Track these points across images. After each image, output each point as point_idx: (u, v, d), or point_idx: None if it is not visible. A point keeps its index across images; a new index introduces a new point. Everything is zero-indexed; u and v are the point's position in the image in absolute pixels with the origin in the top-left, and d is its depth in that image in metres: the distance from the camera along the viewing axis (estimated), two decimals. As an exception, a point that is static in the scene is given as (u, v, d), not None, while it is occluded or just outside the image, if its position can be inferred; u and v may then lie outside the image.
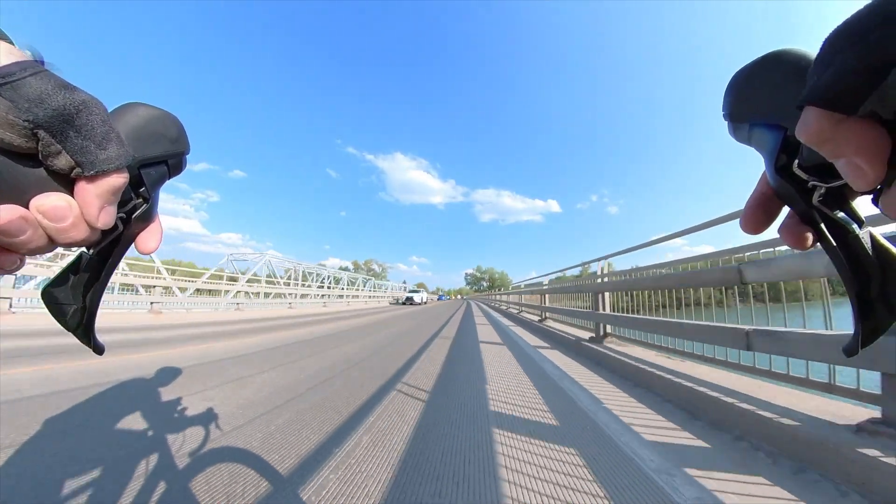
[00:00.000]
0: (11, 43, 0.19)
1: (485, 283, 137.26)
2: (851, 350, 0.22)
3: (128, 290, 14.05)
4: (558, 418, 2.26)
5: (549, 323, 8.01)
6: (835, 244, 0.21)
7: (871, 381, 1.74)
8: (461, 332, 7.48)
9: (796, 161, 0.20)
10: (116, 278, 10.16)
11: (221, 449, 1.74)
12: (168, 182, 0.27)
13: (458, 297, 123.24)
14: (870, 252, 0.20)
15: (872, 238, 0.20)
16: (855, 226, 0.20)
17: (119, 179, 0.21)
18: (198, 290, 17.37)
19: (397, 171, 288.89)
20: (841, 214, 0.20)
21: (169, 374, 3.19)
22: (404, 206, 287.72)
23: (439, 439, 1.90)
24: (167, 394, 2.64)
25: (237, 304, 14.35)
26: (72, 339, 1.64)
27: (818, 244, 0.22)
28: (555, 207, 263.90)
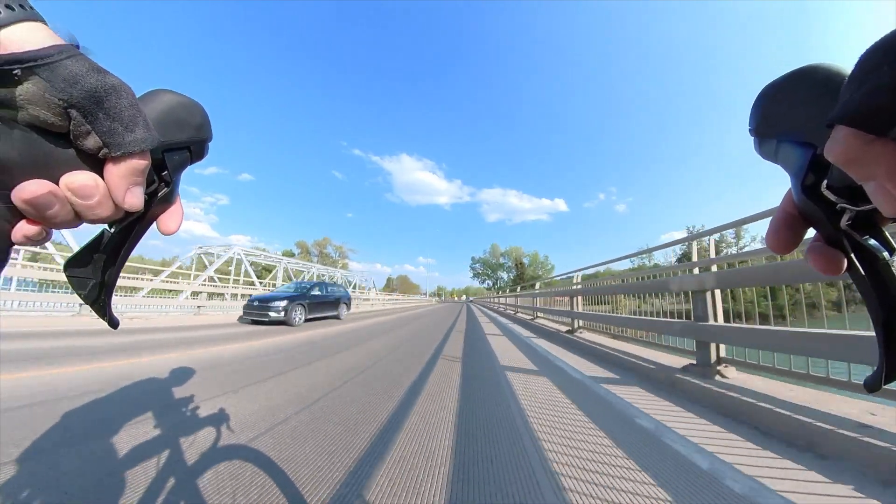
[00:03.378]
0: (46, 25, 0.20)
1: (505, 276, 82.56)
2: (874, 385, 0.20)
3: (50, 287, 11.41)
4: None
5: (735, 376, 2.68)
6: (862, 272, 0.19)
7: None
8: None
9: (825, 181, 0.19)
10: (40, 273, 8.58)
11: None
12: (184, 176, 0.28)
13: (464, 297, 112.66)
14: None
15: None
16: (886, 253, 0.19)
17: (142, 162, 0.22)
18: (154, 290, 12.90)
19: (403, 172, 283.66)
20: (872, 241, 0.19)
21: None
22: (410, 206, 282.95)
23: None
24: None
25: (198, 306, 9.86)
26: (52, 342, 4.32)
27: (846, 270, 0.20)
28: (562, 206, 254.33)
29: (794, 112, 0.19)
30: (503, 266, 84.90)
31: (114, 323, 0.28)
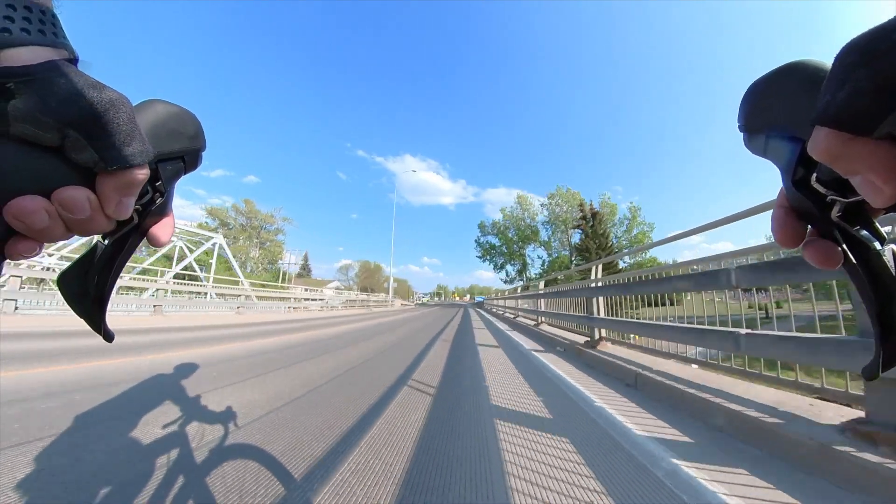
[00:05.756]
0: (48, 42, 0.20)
1: (543, 254, 42.89)
2: (871, 372, 0.20)
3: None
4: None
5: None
6: (854, 262, 0.19)
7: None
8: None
9: (814, 174, 0.19)
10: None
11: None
12: (184, 186, 0.27)
13: (467, 297, 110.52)
14: (892, 270, 0.19)
15: (895, 256, 0.19)
16: (876, 243, 0.19)
17: (139, 175, 0.22)
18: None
19: (407, 172, 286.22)
20: (864, 232, 0.19)
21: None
22: (415, 207, 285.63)
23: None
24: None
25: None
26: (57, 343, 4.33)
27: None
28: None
29: (782, 107, 0.20)
30: (538, 237, 42.37)
31: (109, 336, 0.27)
